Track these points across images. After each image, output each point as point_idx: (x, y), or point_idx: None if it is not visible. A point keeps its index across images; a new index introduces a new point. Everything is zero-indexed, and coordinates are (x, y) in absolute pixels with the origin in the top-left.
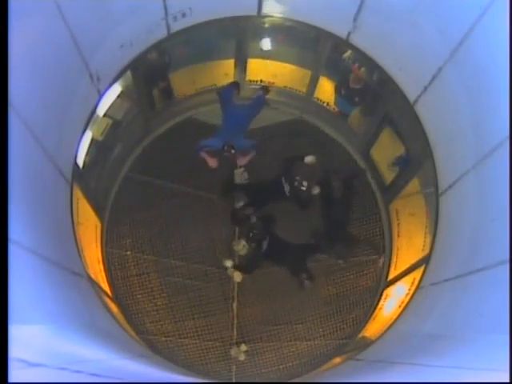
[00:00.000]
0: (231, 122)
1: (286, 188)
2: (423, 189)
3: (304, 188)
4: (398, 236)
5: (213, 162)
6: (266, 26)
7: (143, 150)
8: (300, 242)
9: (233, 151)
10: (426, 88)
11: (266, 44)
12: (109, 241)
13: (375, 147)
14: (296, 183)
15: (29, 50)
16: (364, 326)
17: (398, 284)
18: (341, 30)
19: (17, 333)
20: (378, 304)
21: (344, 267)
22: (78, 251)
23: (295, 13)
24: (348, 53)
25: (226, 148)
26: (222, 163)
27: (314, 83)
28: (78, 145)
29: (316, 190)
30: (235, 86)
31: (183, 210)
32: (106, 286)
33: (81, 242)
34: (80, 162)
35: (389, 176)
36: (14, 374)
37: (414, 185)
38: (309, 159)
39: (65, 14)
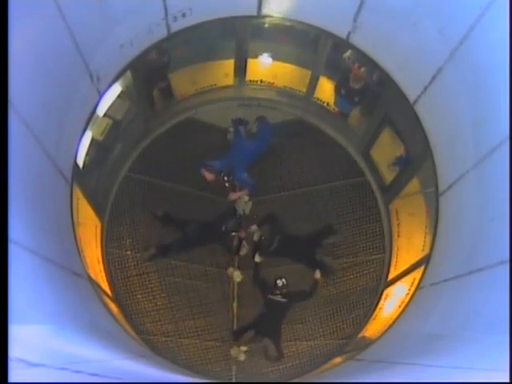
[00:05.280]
0: (237, 153)
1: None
2: (423, 189)
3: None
4: (398, 236)
5: (210, 177)
6: (266, 26)
7: (143, 150)
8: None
9: (227, 181)
10: (425, 88)
11: (266, 44)
12: (109, 241)
13: (375, 147)
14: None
15: (29, 50)
16: (364, 326)
17: (398, 284)
18: (341, 30)
19: (17, 333)
20: (378, 304)
21: (344, 267)
22: (78, 251)
23: (295, 13)
24: (348, 53)
25: (222, 174)
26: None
27: (313, 83)
28: (78, 145)
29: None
30: (239, 122)
31: (183, 210)
32: (106, 286)
33: (81, 242)
34: (80, 162)
35: (389, 176)
36: (14, 373)
37: (413, 185)
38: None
39: (65, 14)
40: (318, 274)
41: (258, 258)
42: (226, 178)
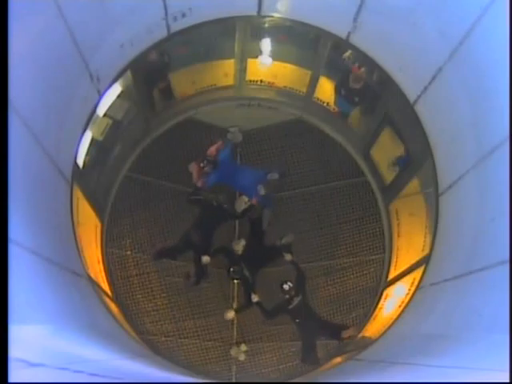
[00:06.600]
0: (234, 175)
1: None
2: (423, 189)
3: None
4: (398, 236)
5: (212, 149)
6: (266, 26)
7: (143, 150)
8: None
9: (204, 166)
10: (426, 88)
11: (266, 44)
12: (109, 241)
13: (375, 147)
14: None
15: (29, 50)
16: (364, 326)
17: (398, 284)
18: (341, 30)
19: (17, 333)
20: (378, 304)
21: (344, 267)
22: (78, 251)
23: (295, 13)
24: (348, 53)
25: (207, 159)
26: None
27: (314, 83)
28: (78, 145)
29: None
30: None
31: (183, 210)
32: (106, 286)
33: (81, 242)
34: (80, 162)
35: (389, 176)
36: (14, 373)
37: (413, 185)
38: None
39: (65, 14)
40: (288, 257)
41: (255, 298)
42: (202, 164)
